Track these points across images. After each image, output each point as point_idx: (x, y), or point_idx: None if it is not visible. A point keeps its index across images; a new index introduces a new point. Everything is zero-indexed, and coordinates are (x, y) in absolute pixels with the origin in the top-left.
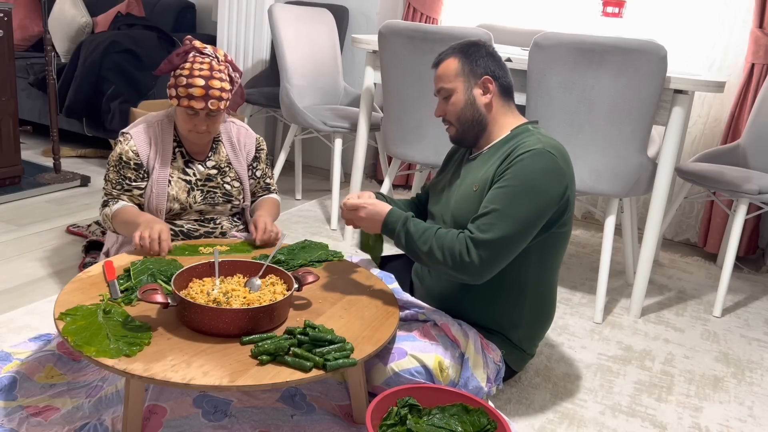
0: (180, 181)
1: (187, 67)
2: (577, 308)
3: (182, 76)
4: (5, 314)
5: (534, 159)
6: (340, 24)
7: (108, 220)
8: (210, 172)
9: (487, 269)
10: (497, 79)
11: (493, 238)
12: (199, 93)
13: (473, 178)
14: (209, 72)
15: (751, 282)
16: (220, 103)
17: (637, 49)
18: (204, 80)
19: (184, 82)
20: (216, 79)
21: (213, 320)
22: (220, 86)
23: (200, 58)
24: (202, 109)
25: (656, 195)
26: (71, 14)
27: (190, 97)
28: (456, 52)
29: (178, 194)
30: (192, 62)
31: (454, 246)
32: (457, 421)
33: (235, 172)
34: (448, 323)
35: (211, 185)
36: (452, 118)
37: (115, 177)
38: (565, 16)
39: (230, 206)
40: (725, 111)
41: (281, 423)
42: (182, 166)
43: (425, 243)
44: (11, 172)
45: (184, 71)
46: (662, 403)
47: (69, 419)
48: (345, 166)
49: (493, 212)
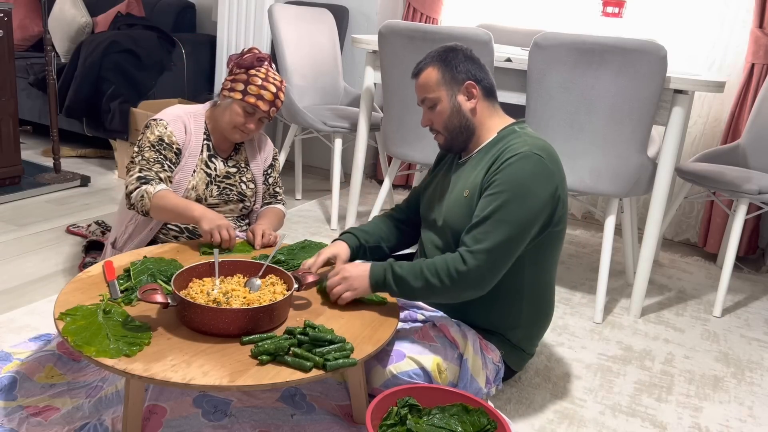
0: (202, 172)
1: (263, 71)
2: (577, 308)
3: (258, 77)
4: (5, 314)
5: (521, 163)
6: (340, 24)
7: (147, 198)
8: (230, 170)
9: (486, 276)
10: (479, 82)
11: (489, 246)
12: (269, 98)
13: (464, 183)
14: (280, 84)
15: (751, 282)
16: (276, 112)
17: (637, 49)
18: (275, 89)
19: (259, 82)
20: (282, 92)
21: (213, 320)
22: (282, 97)
23: (273, 72)
24: (265, 112)
25: (656, 195)
26: (71, 14)
27: (259, 98)
28: (434, 60)
29: (198, 185)
30: (267, 70)
31: (448, 266)
32: (457, 421)
33: (252, 174)
34: (447, 324)
35: (228, 182)
36: (439, 126)
37: (155, 156)
38: (565, 16)
39: (242, 206)
40: (725, 111)
41: (281, 423)
42: (206, 159)
43: (417, 278)
44: (11, 172)
45: (260, 74)
46: (662, 403)
47: (69, 419)
48: (345, 166)
49: (487, 220)
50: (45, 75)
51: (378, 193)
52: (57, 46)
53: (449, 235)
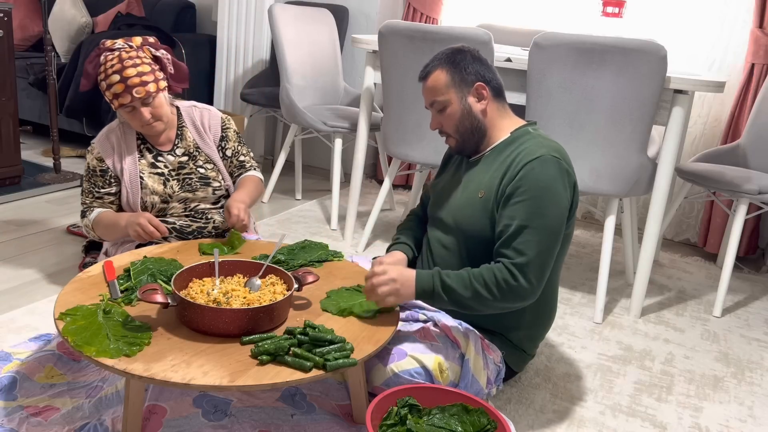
0: (152, 175)
1: (102, 70)
2: (577, 308)
3: (102, 81)
4: (5, 314)
5: (543, 167)
6: (340, 24)
7: (90, 229)
8: (181, 159)
9: (537, 288)
10: (489, 83)
11: (533, 256)
12: (119, 89)
13: (478, 183)
14: (120, 64)
15: (751, 282)
16: (146, 88)
17: (637, 49)
18: (118, 74)
19: (104, 85)
20: (129, 67)
21: (213, 320)
22: (136, 72)
23: (110, 56)
24: (131, 102)
25: (656, 195)
26: (71, 14)
27: (115, 96)
28: (442, 62)
29: (155, 187)
30: (104, 63)
31: (496, 277)
32: (457, 421)
33: (206, 155)
34: (449, 324)
35: (185, 172)
36: (450, 129)
37: (87, 186)
38: (565, 16)
39: (212, 189)
40: (725, 111)
41: (281, 422)
42: (151, 160)
43: (467, 288)
44: (11, 172)
45: (101, 75)
46: (662, 403)
47: (69, 419)
48: (345, 166)
49: (524, 230)
50: (45, 75)
51: (378, 193)
52: (57, 46)
53: (459, 235)
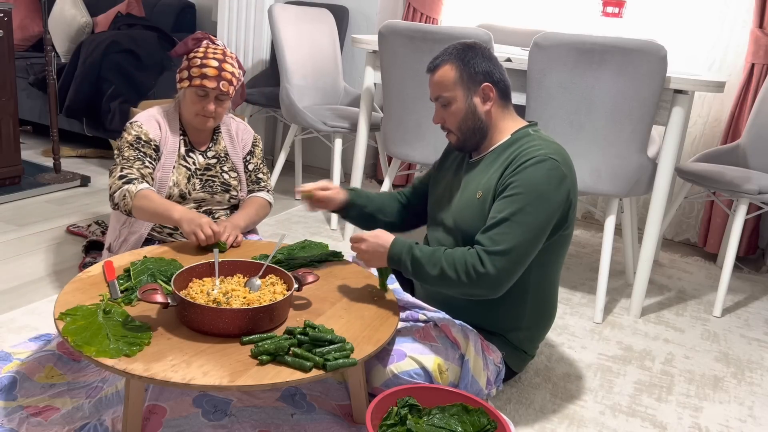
0: (181, 167)
1: (201, 50)
2: (577, 308)
3: (197, 58)
4: (5, 314)
5: (538, 167)
6: (340, 24)
7: (129, 197)
8: (209, 162)
9: (504, 280)
10: (497, 84)
11: (507, 248)
12: (212, 73)
13: (476, 184)
14: (222, 56)
15: (751, 282)
16: (230, 87)
17: (637, 49)
18: (218, 62)
19: (198, 62)
20: (228, 63)
21: (213, 320)
22: (231, 70)
23: (213, 46)
24: (215, 89)
25: (656, 195)
26: (71, 14)
27: (203, 77)
28: (453, 57)
29: (179, 180)
30: (206, 47)
31: (465, 261)
32: (457, 421)
33: (232, 163)
34: (449, 324)
35: (209, 174)
36: (452, 126)
37: (134, 154)
38: (565, 16)
39: (228, 196)
40: (725, 111)
41: (281, 422)
42: (183, 154)
43: (434, 266)
44: (11, 172)
45: (198, 54)
46: (662, 403)
47: (69, 419)
48: (345, 166)
49: (504, 222)
50: (45, 75)
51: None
52: (57, 46)
53: (459, 236)
